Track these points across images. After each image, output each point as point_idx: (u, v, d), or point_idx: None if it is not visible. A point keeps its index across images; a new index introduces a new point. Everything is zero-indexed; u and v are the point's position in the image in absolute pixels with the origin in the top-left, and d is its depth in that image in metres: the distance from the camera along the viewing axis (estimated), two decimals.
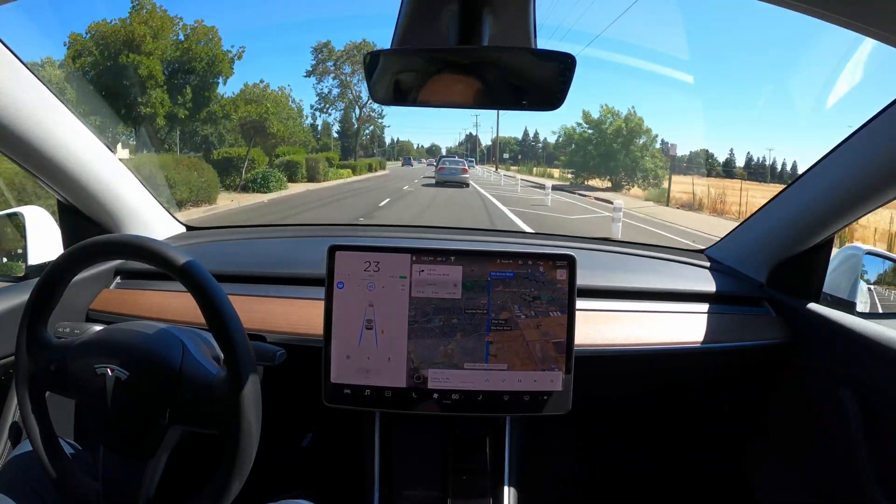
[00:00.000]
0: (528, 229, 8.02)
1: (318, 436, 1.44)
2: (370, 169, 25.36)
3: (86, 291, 1.13)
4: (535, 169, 33.75)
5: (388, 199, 12.37)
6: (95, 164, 1.06)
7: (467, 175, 17.77)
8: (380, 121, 30.08)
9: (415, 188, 16.30)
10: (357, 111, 28.71)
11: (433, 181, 17.60)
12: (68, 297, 0.82)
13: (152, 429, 0.72)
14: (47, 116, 0.92)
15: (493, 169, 35.75)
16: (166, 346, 0.73)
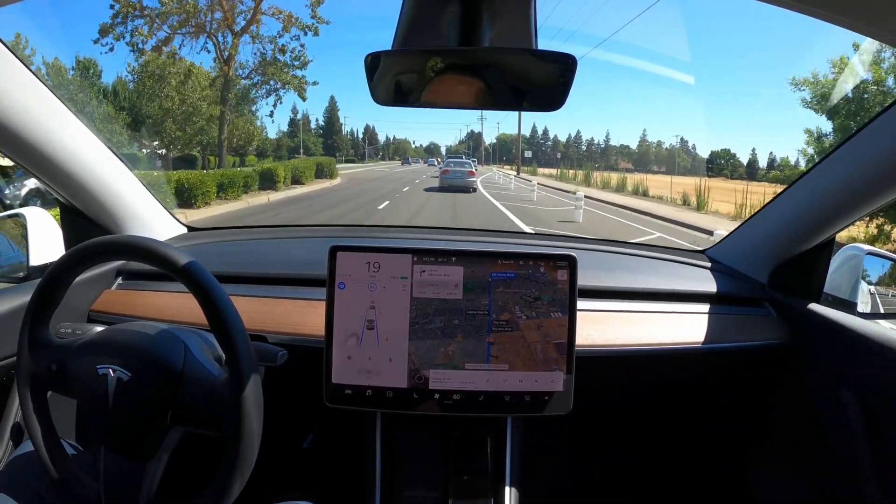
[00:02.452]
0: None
1: (319, 437, 1.44)
2: (269, 181, 13.34)
3: (87, 292, 1.13)
4: (594, 174, 22.22)
5: None
6: (96, 164, 1.06)
7: (475, 178, 16.01)
8: (301, 73, 16.39)
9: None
10: (209, 45, 15.28)
11: (437, 185, 15.74)
12: (70, 298, 0.82)
13: (153, 430, 0.72)
14: (48, 117, 0.93)
15: (513, 172, 27.75)
16: (168, 346, 0.73)
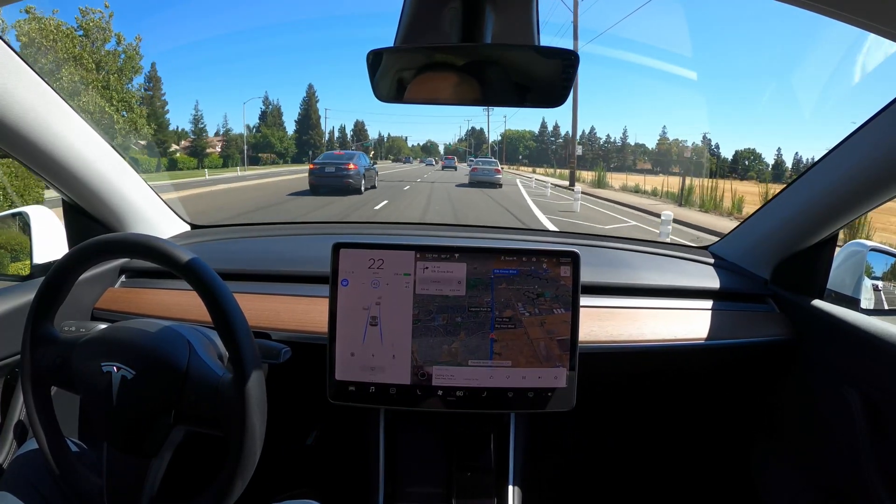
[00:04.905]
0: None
1: (322, 433, 1.45)
2: None
3: (91, 290, 1.14)
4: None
5: None
6: (100, 163, 1.07)
7: (500, 176, 18.31)
8: None
9: None
10: None
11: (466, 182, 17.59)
12: (73, 296, 0.82)
13: (156, 428, 0.71)
14: (51, 116, 0.93)
15: (555, 181, 20.37)
16: (173, 345, 0.73)
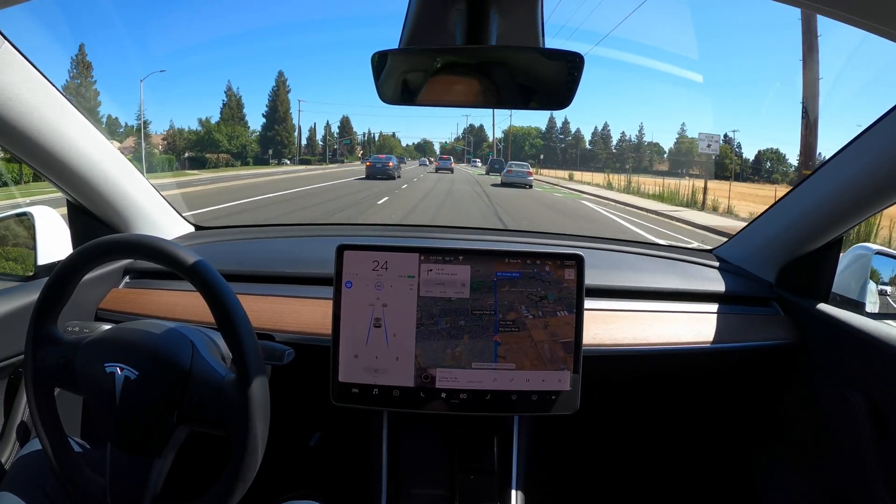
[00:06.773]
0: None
1: (325, 435, 1.45)
2: None
3: (95, 290, 1.14)
4: None
5: None
6: (104, 163, 1.07)
7: (532, 178, 20.11)
8: None
9: None
10: None
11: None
12: (77, 297, 0.82)
13: (160, 428, 0.72)
14: (56, 116, 0.93)
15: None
16: (176, 345, 0.73)
